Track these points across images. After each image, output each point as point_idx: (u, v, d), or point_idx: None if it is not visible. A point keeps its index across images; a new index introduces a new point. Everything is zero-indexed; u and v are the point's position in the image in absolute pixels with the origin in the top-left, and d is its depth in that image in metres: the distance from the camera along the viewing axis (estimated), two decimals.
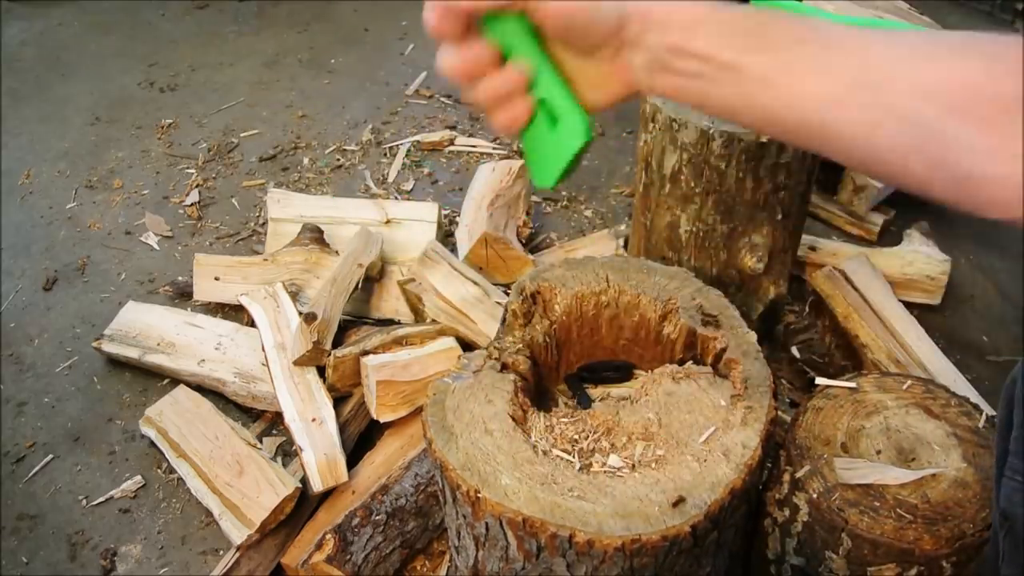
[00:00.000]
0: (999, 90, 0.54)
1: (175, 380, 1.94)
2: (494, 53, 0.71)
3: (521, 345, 1.20)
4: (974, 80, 0.56)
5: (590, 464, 1.03)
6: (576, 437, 1.07)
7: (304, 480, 1.62)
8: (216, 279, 2.12)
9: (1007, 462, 0.80)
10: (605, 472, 1.01)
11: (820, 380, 1.31)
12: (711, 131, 1.53)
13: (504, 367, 1.16)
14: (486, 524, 1.00)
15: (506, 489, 0.98)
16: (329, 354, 1.76)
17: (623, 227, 2.29)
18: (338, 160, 2.75)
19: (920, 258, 2.13)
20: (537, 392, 1.23)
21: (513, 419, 1.07)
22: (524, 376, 1.16)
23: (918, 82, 0.57)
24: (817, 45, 0.61)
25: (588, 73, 0.72)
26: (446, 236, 2.30)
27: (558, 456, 1.03)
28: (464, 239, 2.14)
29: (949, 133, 0.56)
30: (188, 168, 2.73)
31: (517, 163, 2.32)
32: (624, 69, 0.70)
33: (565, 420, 1.10)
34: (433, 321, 1.87)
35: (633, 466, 1.02)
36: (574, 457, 1.04)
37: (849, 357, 1.93)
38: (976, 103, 0.55)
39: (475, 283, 1.89)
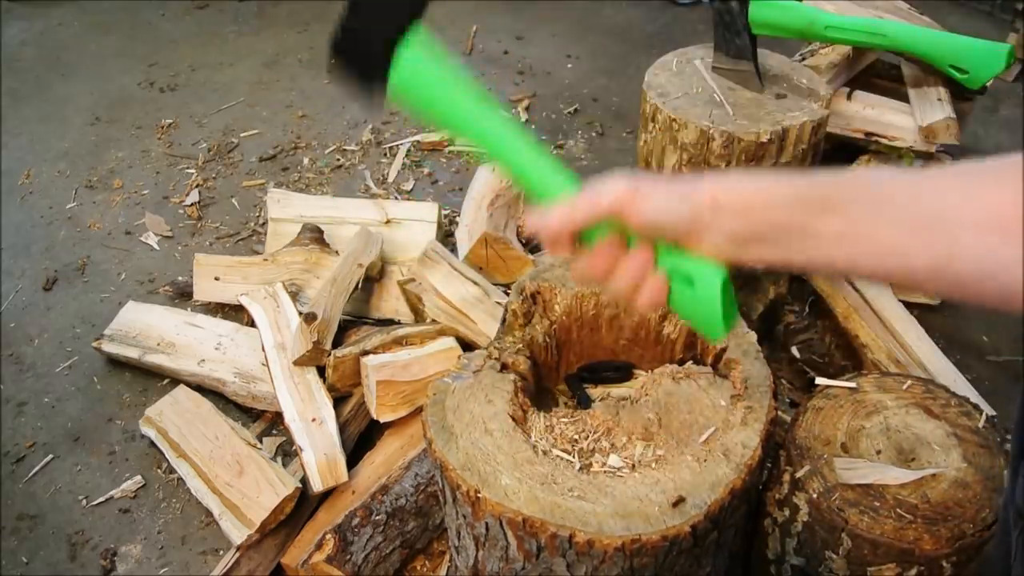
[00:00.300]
0: None
1: (175, 380, 1.94)
2: (621, 244, 0.79)
3: (521, 345, 1.20)
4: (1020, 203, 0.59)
5: (590, 464, 1.03)
6: (576, 437, 1.07)
7: (304, 480, 1.62)
8: (216, 279, 2.12)
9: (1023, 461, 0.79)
10: (605, 472, 1.01)
11: (820, 380, 1.30)
12: (711, 131, 1.53)
13: (504, 367, 1.15)
14: (486, 524, 1.00)
15: (506, 489, 0.98)
16: (329, 354, 1.76)
17: None
18: (338, 160, 2.75)
19: None
20: (537, 392, 1.23)
21: (513, 419, 1.07)
22: (524, 376, 1.16)
23: (972, 212, 0.61)
24: (873, 198, 0.67)
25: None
26: (446, 236, 2.30)
27: (558, 456, 1.03)
28: (464, 239, 2.14)
29: (1016, 258, 0.59)
30: (188, 168, 2.73)
31: None
32: (712, 249, 0.76)
33: (565, 420, 1.10)
34: (433, 321, 1.87)
35: (633, 466, 1.02)
36: (574, 457, 1.03)
37: (849, 357, 1.93)
38: None
39: (475, 283, 1.89)
